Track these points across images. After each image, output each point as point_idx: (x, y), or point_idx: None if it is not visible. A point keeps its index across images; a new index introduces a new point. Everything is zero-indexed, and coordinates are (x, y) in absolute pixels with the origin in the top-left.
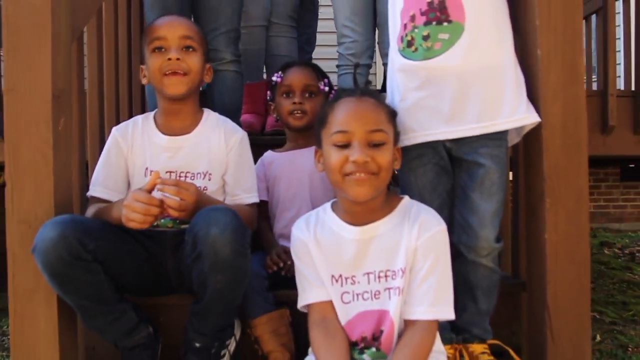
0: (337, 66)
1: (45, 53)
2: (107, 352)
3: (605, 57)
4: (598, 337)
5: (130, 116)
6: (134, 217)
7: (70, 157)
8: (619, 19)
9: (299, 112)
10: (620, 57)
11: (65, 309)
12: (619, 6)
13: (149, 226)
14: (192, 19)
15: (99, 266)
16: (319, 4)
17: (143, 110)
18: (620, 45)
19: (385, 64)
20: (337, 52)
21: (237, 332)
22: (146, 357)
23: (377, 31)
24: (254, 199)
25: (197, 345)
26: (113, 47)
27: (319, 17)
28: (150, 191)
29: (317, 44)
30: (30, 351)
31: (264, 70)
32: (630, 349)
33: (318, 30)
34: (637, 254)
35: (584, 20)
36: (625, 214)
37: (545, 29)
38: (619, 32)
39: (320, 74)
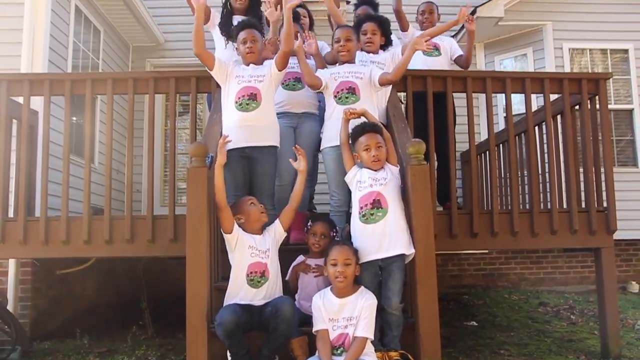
0: (330, 211)
1: (204, 197)
2: None
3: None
4: None
5: None
6: None
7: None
8: None
9: (317, 244)
10: None
11: (209, 336)
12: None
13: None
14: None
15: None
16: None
17: None
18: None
19: None
20: (330, 203)
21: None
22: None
23: None
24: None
25: (266, 354)
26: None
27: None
28: None
29: (319, 202)
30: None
31: None
32: None
33: (317, 192)
34: (562, 311)
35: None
36: (569, 279)
37: (417, 211)
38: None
39: (334, 226)
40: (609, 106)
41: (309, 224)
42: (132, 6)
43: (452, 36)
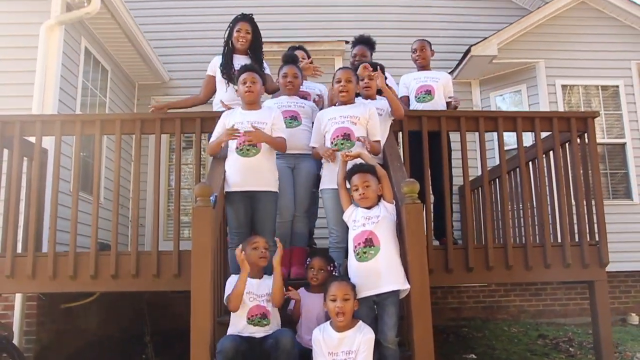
0: (329, 247)
1: (208, 235)
2: None
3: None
4: None
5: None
6: None
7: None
8: None
9: (315, 278)
10: None
11: None
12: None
13: None
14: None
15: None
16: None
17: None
18: None
19: None
20: (329, 240)
21: None
22: None
23: None
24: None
25: None
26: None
27: (318, 217)
28: None
29: (318, 237)
30: None
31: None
32: None
33: (318, 225)
34: (561, 344)
35: None
36: (568, 310)
37: (412, 248)
38: None
39: (331, 261)
40: (603, 140)
41: (308, 259)
42: (139, 46)
43: (450, 72)
